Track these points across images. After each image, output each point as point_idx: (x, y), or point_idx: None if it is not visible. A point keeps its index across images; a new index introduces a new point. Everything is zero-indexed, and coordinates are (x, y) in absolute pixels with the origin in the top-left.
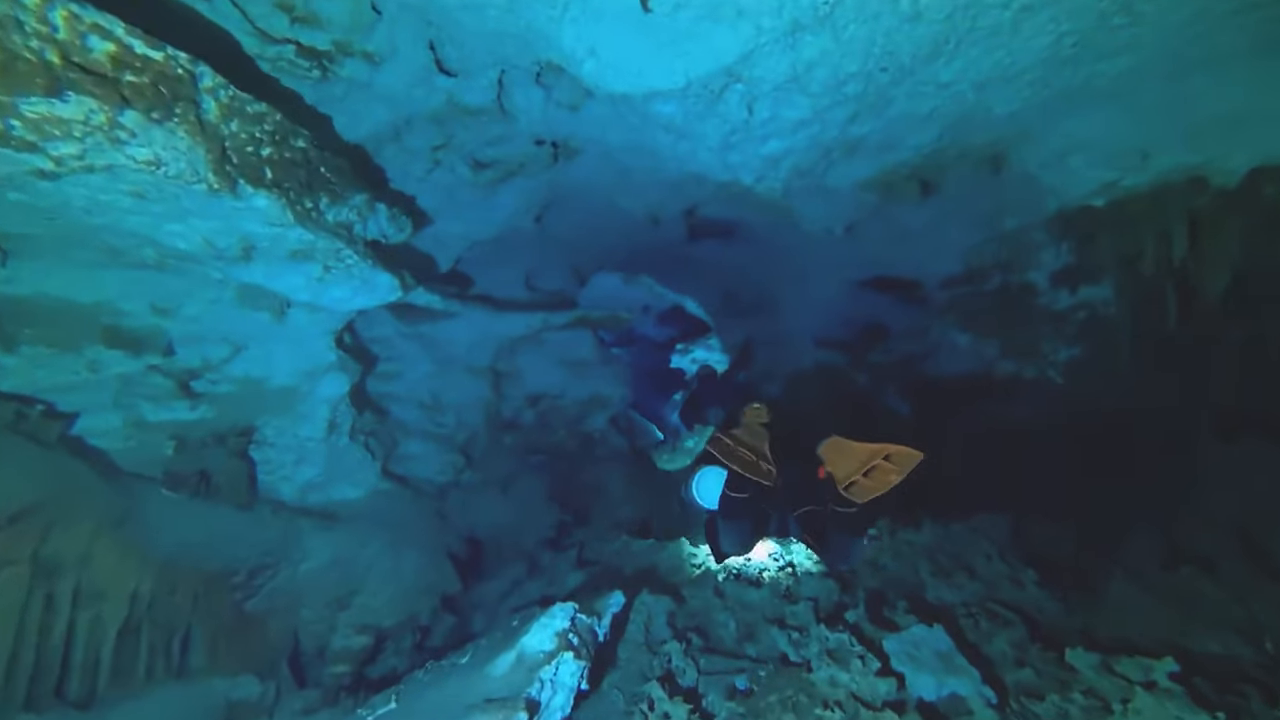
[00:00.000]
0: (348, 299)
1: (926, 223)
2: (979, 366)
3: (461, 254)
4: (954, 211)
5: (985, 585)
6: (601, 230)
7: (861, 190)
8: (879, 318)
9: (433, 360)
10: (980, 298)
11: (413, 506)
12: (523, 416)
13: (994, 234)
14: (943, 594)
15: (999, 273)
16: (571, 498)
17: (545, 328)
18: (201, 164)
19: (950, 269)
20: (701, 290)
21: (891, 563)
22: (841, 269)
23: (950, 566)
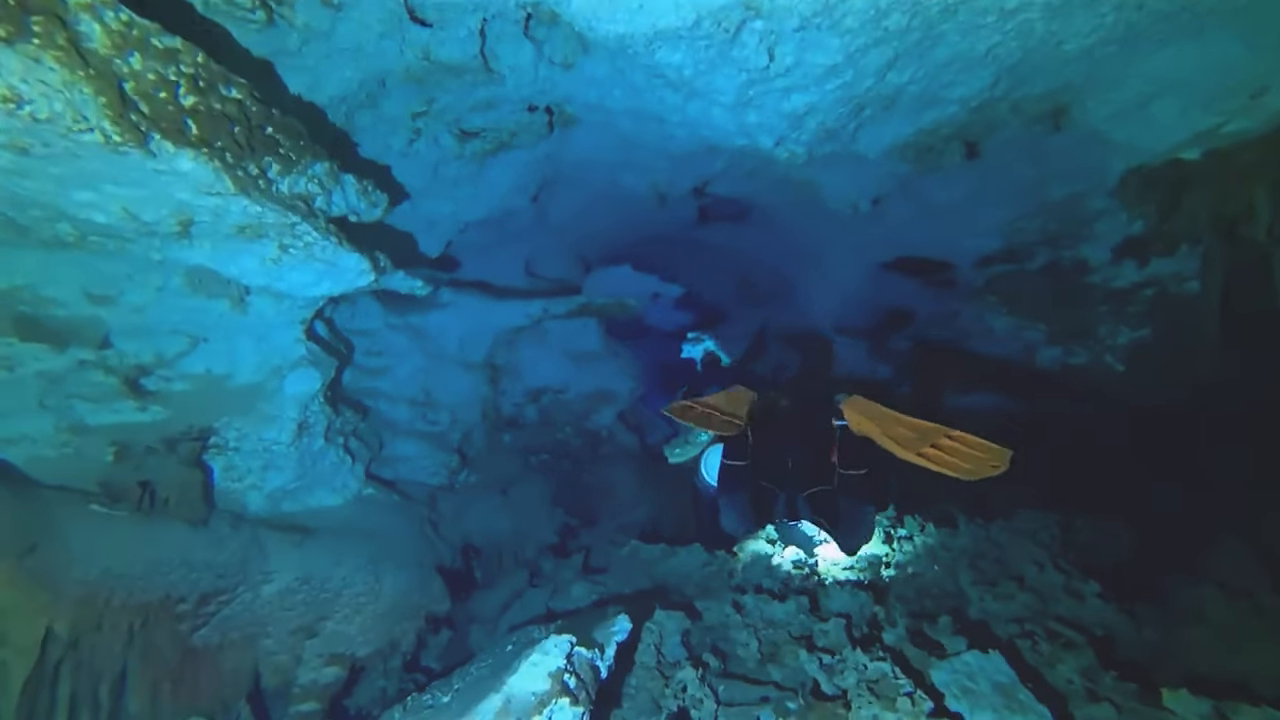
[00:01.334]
0: (311, 284)
1: (962, 196)
2: (1018, 352)
3: (453, 238)
4: (995, 182)
5: (1038, 597)
6: (605, 212)
7: (894, 157)
8: (903, 302)
9: (424, 353)
10: (1022, 277)
11: (400, 514)
12: (524, 413)
13: (1038, 206)
14: (989, 607)
15: (1045, 248)
16: (576, 500)
17: (546, 317)
18: (90, 107)
19: (987, 246)
20: (712, 277)
21: (927, 569)
22: (864, 250)
23: (995, 574)
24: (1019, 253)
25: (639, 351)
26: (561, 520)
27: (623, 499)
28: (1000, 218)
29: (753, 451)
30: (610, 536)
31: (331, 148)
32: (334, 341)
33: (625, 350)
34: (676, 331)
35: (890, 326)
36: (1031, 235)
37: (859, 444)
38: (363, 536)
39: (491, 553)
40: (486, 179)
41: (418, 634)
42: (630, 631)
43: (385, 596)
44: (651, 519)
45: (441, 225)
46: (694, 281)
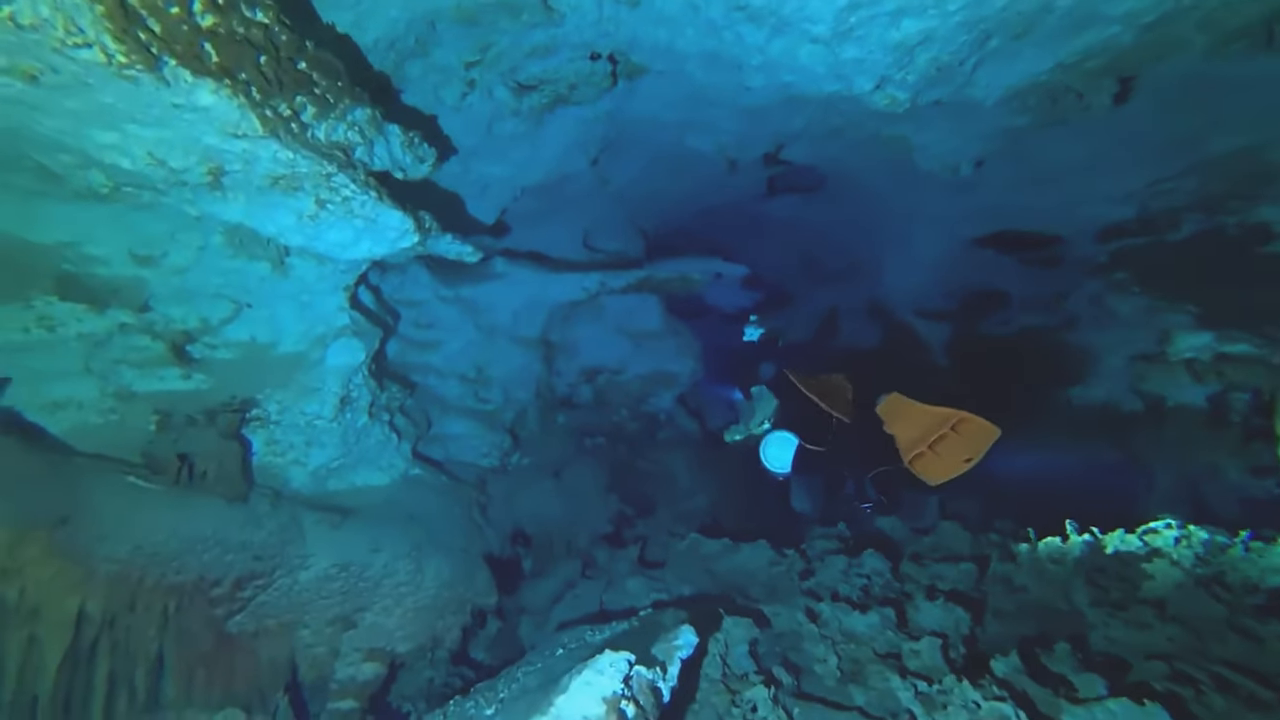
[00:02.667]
0: (350, 243)
1: (1085, 155)
2: (1147, 339)
3: (507, 204)
4: (1137, 134)
5: (1190, 631)
6: (669, 179)
7: (1012, 105)
8: (995, 283)
9: (476, 327)
10: (1162, 250)
11: (447, 497)
12: (578, 393)
13: (1191, 163)
14: (1117, 636)
15: (1197, 214)
16: (632, 486)
17: (603, 291)
18: (84, 15)
19: (1114, 215)
20: (779, 255)
21: (1032, 583)
22: (955, 223)
23: (1121, 595)
24: (1158, 221)
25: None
26: (616, 508)
27: (681, 487)
28: (1136, 180)
29: (833, 438)
30: (668, 527)
31: (376, 97)
32: (380, 311)
33: (686, 329)
34: (738, 313)
35: (977, 310)
36: (1179, 199)
37: None
38: (406, 520)
39: (542, 540)
40: (543, 138)
41: (462, 629)
42: (696, 646)
43: (427, 588)
44: (711, 509)
45: (495, 189)
46: (759, 260)
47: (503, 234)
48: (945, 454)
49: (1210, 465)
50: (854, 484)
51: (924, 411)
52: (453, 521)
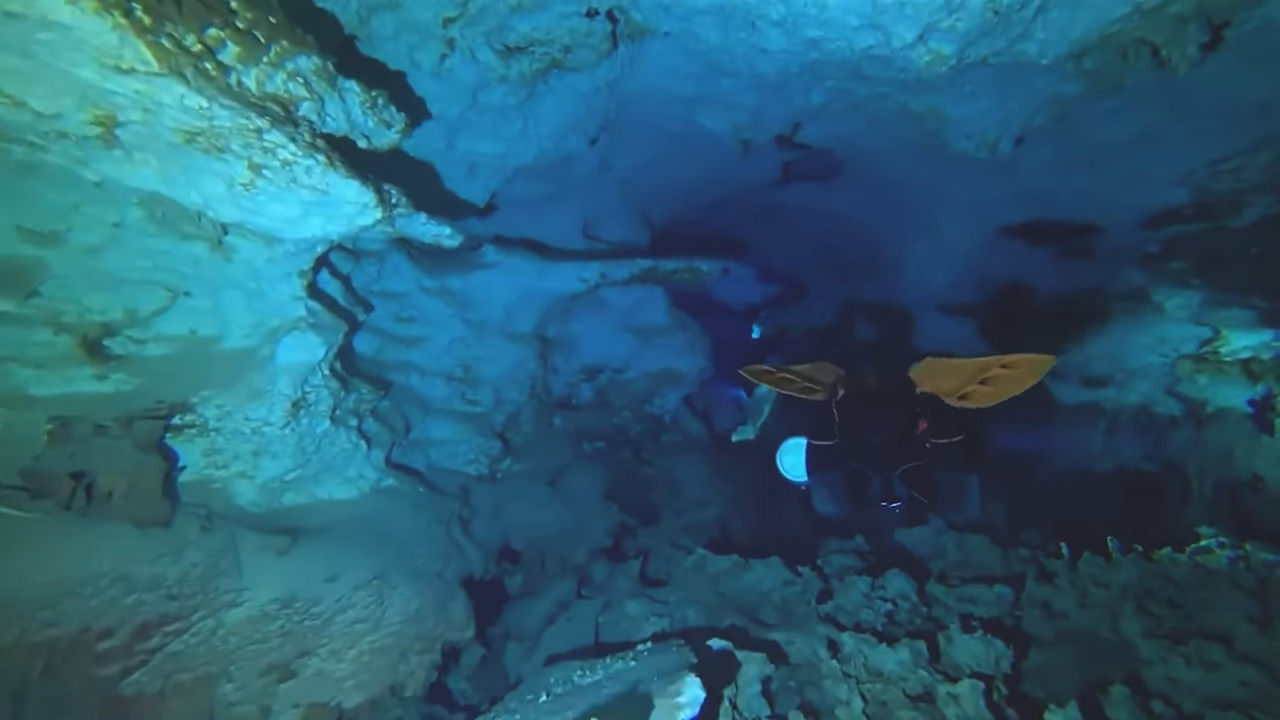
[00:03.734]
0: (298, 220)
1: (1138, 132)
2: (1196, 339)
3: (499, 186)
4: (1200, 106)
5: (1268, 674)
6: (677, 163)
7: (1068, 68)
8: (1023, 276)
9: (464, 321)
10: (1218, 238)
11: (424, 511)
12: (577, 393)
13: (1262, 136)
14: (1181, 675)
15: (1267, 197)
16: (634, 495)
17: (604, 283)
18: None
19: (1164, 199)
20: (793, 247)
21: (1073, 608)
22: (985, 210)
23: (1176, 626)
24: (1217, 206)
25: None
26: (616, 518)
27: (688, 495)
28: (1194, 159)
29: (840, 430)
30: (672, 538)
31: (332, 49)
32: (350, 303)
33: (694, 324)
34: (748, 309)
35: (1002, 305)
36: (1245, 179)
37: (947, 410)
38: (373, 541)
39: (533, 555)
40: (537, 112)
41: (431, 671)
42: (703, 704)
43: (390, 623)
44: (721, 520)
45: (484, 169)
46: (772, 253)
47: (494, 220)
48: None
49: (1253, 474)
50: (880, 482)
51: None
52: (429, 540)
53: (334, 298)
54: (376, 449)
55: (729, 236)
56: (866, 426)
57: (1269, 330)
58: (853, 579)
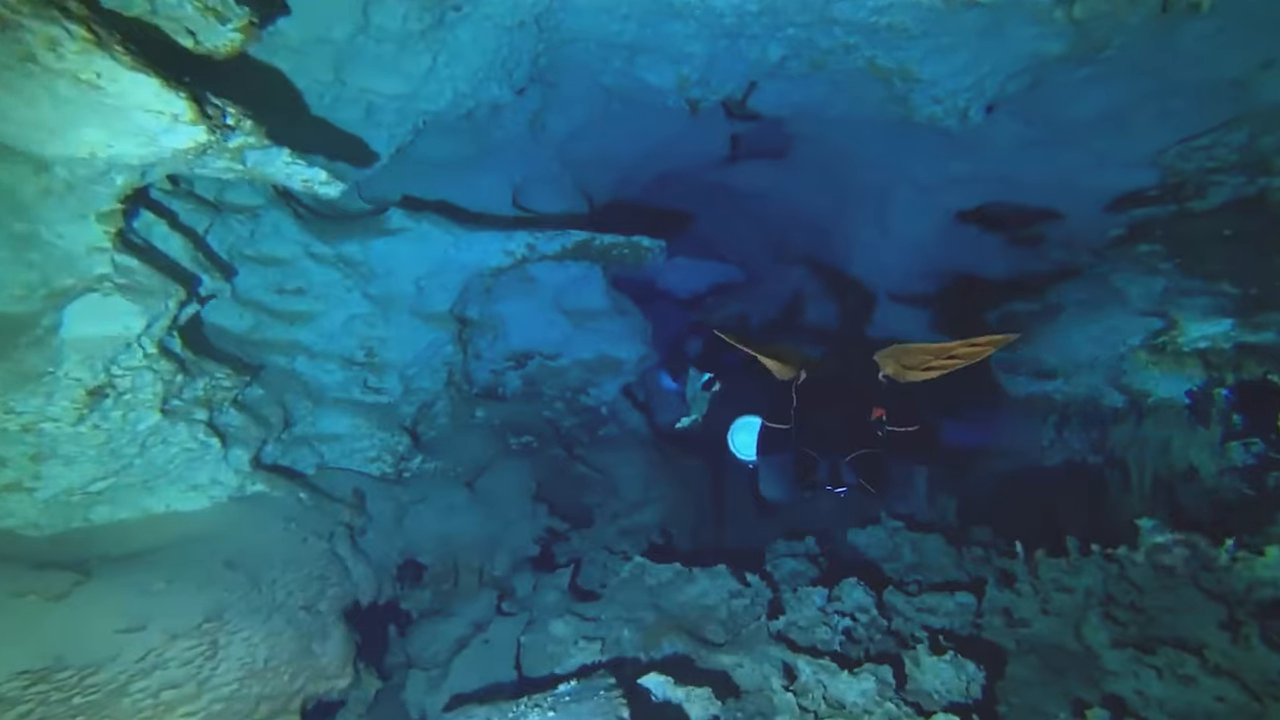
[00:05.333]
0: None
1: (1105, 108)
2: (1151, 328)
3: (407, 138)
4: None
5: (1246, 691)
6: (619, 128)
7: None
8: (979, 264)
9: (366, 297)
10: (1182, 223)
11: (300, 524)
12: (504, 382)
13: (1236, 113)
14: (1153, 691)
15: (1236, 177)
16: (566, 495)
17: (532, 257)
18: None
19: (1130, 182)
20: (741, 231)
21: (1037, 618)
22: (943, 192)
23: (1143, 633)
24: (1185, 187)
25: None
26: (545, 523)
27: (626, 495)
28: (1165, 136)
29: (796, 415)
30: (609, 544)
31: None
32: (200, 265)
33: (635, 308)
34: (693, 297)
35: (955, 295)
36: (1215, 158)
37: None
38: (214, 568)
39: (444, 568)
40: (450, 45)
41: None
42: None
43: (221, 684)
44: (662, 523)
45: (386, 113)
46: (719, 236)
47: (404, 179)
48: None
49: (1189, 465)
50: (827, 467)
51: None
52: (299, 561)
53: (170, 256)
54: (238, 448)
55: (675, 217)
56: (823, 411)
57: (1228, 319)
58: (806, 591)
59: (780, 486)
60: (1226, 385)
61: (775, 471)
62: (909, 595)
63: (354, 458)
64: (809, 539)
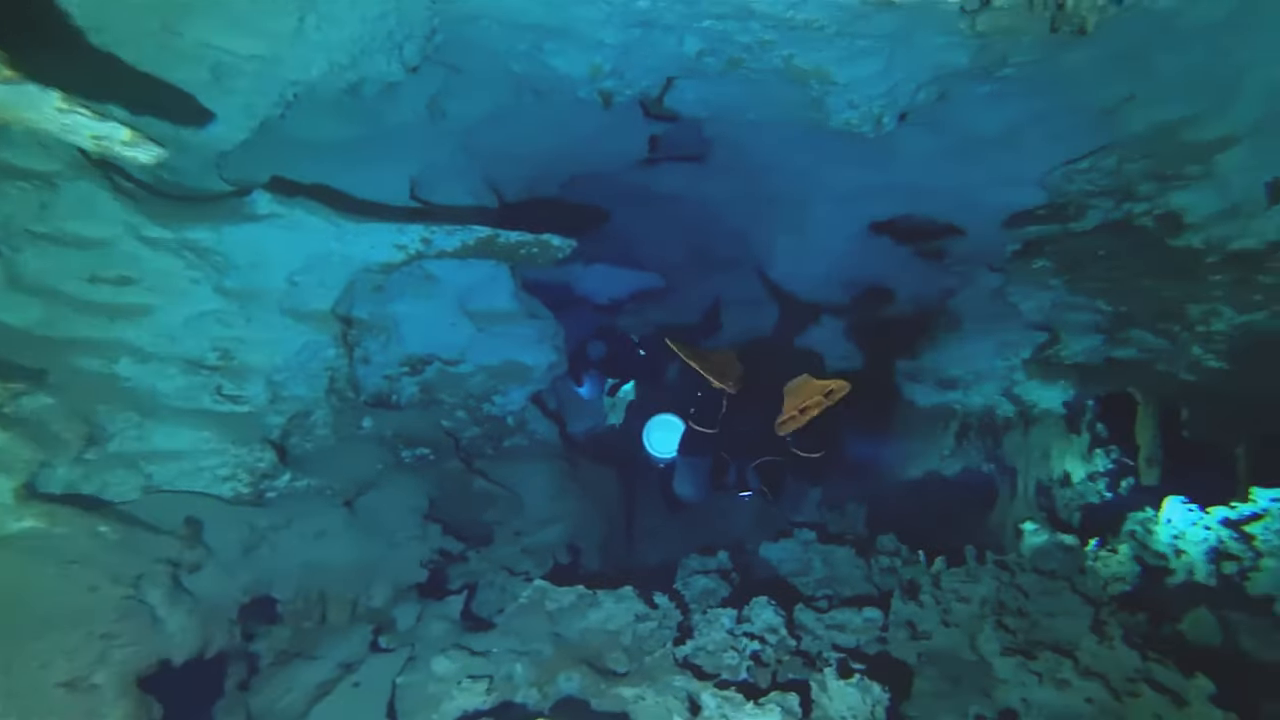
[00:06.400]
0: None
1: (1004, 126)
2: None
3: (272, 110)
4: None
5: (1109, 690)
6: (529, 122)
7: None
8: (887, 275)
9: (220, 291)
10: (1067, 242)
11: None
12: (398, 389)
13: (1110, 139)
14: (1035, 696)
15: (1108, 201)
16: (464, 513)
17: (430, 253)
18: None
19: (1023, 200)
20: (660, 237)
21: (938, 630)
22: (857, 203)
23: (1026, 639)
24: (1068, 208)
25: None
26: (438, 544)
27: (531, 511)
28: (1051, 158)
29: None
30: (510, 563)
31: None
32: None
33: (546, 312)
34: (613, 303)
35: (868, 305)
36: (1093, 181)
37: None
38: None
39: (308, 601)
40: (321, 3)
41: None
42: None
43: None
44: (570, 539)
45: (241, 77)
46: (638, 241)
47: (273, 159)
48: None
49: (1064, 472)
50: (736, 471)
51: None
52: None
53: None
54: (4, 475)
55: (593, 219)
56: (745, 420)
57: (1100, 335)
58: (716, 612)
59: (695, 487)
60: (1094, 397)
61: (693, 472)
62: (819, 612)
63: (199, 477)
64: (722, 554)
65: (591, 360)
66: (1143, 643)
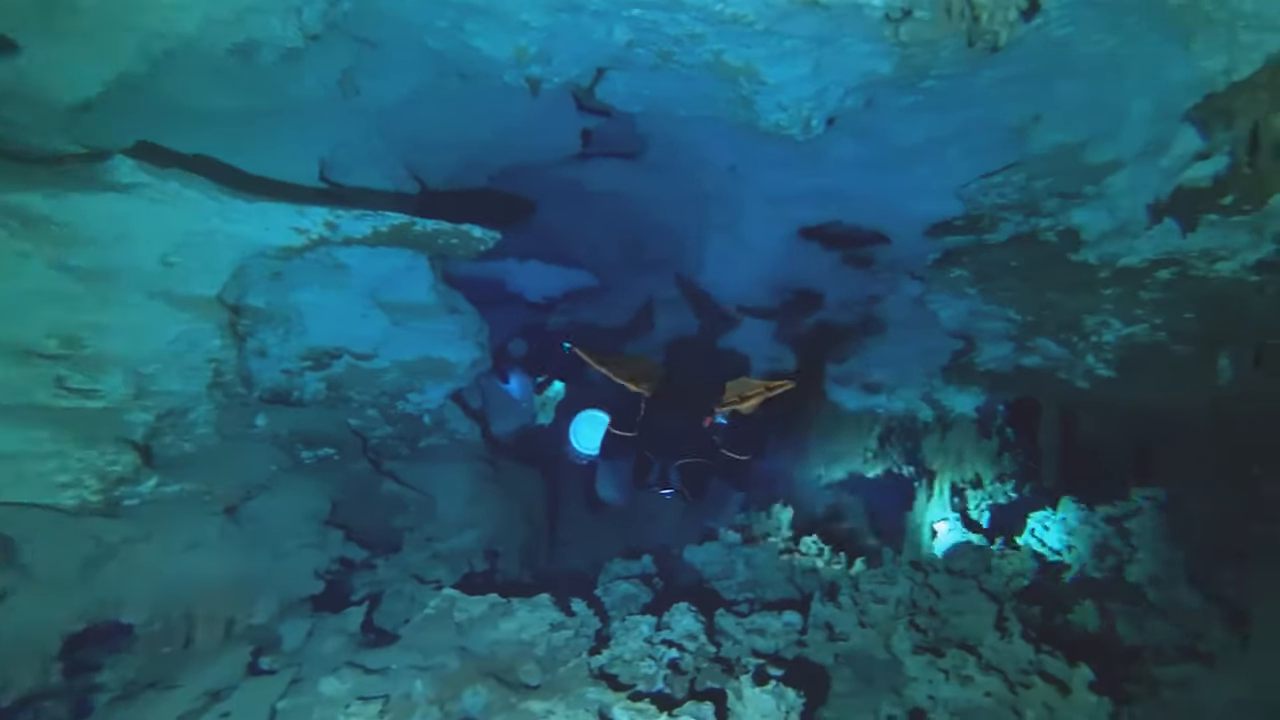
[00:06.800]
0: None
1: (924, 138)
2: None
3: (136, 65)
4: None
5: (1006, 684)
6: (452, 105)
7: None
8: (815, 280)
9: (61, 268)
10: (983, 253)
11: None
12: (300, 385)
13: (1019, 156)
14: (942, 693)
15: (1017, 214)
16: (372, 517)
17: (336, 238)
18: None
19: (942, 210)
20: (594, 235)
21: (855, 631)
22: (787, 206)
23: (936, 636)
24: (983, 220)
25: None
26: (338, 552)
27: (446, 515)
28: (967, 172)
29: (642, 424)
30: (420, 570)
31: None
32: None
33: (470, 307)
34: (546, 301)
35: (797, 309)
36: (1006, 195)
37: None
38: None
39: (169, 623)
40: None
41: None
42: None
43: None
44: (488, 543)
45: (82, 18)
46: (572, 237)
47: (141, 120)
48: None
49: (975, 474)
50: (659, 470)
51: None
52: None
53: None
54: None
55: (525, 214)
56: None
57: (1011, 343)
58: (635, 619)
59: (618, 489)
60: (1003, 403)
61: (615, 474)
62: (739, 616)
63: (28, 486)
64: (646, 558)
65: (514, 358)
66: (1037, 636)
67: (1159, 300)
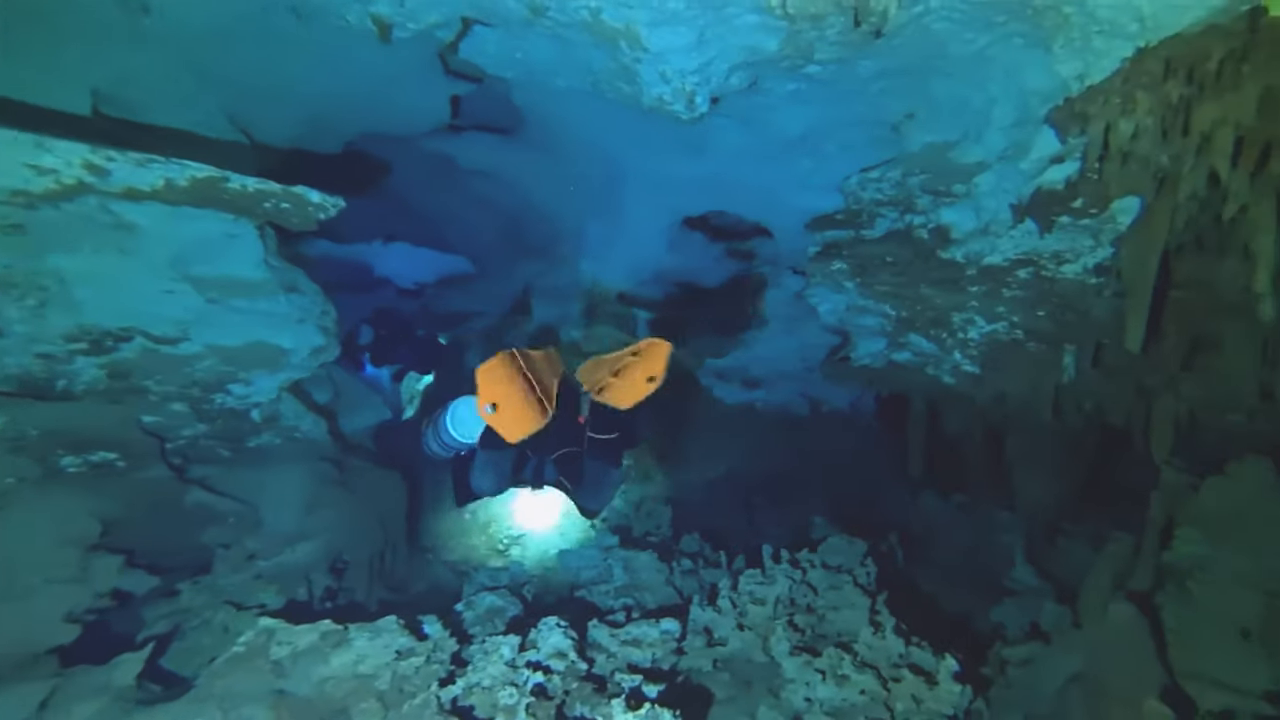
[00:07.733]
0: None
1: (805, 128)
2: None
3: None
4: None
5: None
6: (290, 44)
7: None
8: (697, 272)
9: None
10: (860, 248)
11: None
12: (66, 373)
13: (896, 153)
14: (820, 695)
15: (893, 211)
16: (170, 535)
17: (111, 188)
18: None
19: (822, 204)
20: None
21: (733, 635)
22: (670, 194)
23: (813, 635)
24: (861, 215)
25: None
26: (112, 583)
27: (274, 526)
28: (846, 166)
29: None
30: (237, 596)
31: None
32: None
33: (311, 286)
34: (418, 287)
35: (678, 301)
36: (883, 191)
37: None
38: None
39: None
40: None
41: None
42: None
43: None
44: (330, 556)
45: None
46: (444, 218)
47: None
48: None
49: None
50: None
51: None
52: None
53: None
54: None
55: (389, 187)
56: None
57: (884, 339)
58: (497, 640)
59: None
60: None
61: (492, 467)
62: (614, 627)
63: None
64: (515, 559)
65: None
66: (908, 628)
67: (1018, 299)
